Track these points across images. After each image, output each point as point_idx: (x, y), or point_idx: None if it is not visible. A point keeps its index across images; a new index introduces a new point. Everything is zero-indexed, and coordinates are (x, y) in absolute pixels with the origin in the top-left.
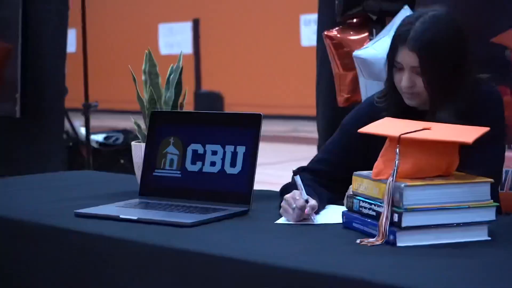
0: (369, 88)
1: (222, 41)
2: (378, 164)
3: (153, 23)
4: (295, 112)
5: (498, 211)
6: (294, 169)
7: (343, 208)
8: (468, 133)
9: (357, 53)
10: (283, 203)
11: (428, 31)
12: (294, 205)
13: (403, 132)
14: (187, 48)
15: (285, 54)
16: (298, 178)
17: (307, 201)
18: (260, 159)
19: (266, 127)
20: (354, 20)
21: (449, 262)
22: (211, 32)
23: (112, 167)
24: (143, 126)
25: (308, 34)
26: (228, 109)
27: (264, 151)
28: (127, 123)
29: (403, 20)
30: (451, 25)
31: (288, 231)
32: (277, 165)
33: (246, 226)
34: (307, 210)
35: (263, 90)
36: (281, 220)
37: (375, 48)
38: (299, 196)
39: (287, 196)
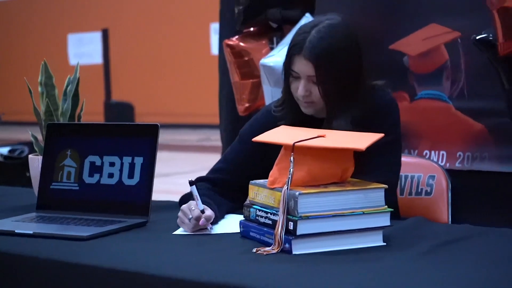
0: (275, 96)
1: (132, 51)
2: (273, 173)
3: (62, 33)
4: (207, 121)
5: (396, 216)
6: (190, 179)
7: (242, 217)
8: (362, 140)
9: (263, 61)
10: (179, 214)
11: (323, 40)
12: (190, 216)
13: (297, 140)
14: (97, 58)
15: (196, 62)
16: (194, 188)
17: (203, 212)
18: (172, 168)
19: (178, 136)
20: (254, 29)
21: (344, 268)
22: (121, 42)
23: (18, 180)
24: (40, 138)
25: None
26: (139, 119)
27: (176, 160)
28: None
29: (299, 29)
30: (347, 34)
31: (186, 242)
32: (189, 174)
33: (144, 237)
34: (201, 221)
35: (174, 99)
36: (179, 231)
37: (281, 56)
38: (195, 206)
39: (184, 206)
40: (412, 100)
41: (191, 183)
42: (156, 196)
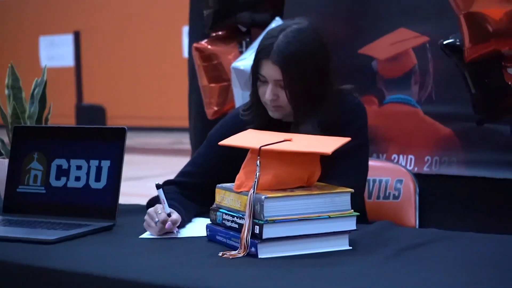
0: (245, 99)
1: (104, 53)
2: (239, 176)
3: (34, 35)
4: (180, 124)
5: (364, 220)
6: (157, 182)
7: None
8: (328, 144)
9: (235, 64)
10: (146, 217)
11: (291, 44)
12: (157, 219)
13: (263, 144)
14: (69, 60)
15: (168, 65)
16: (161, 192)
17: (169, 215)
18: (144, 171)
19: (150, 140)
20: (223, 32)
21: (310, 272)
22: (93, 44)
23: None
24: (6, 141)
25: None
26: (110, 122)
27: (148, 163)
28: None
29: (267, 33)
30: (314, 38)
31: (152, 246)
32: (160, 177)
33: (110, 241)
34: (167, 224)
35: (146, 102)
36: (146, 235)
37: (252, 59)
38: (161, 210)
39: (150, 210)
40: (381, 104)
41: (158, 186)
42: (128, 199)
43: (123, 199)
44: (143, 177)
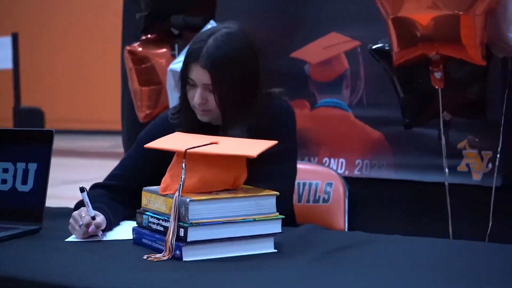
0: None
1: (42, 56)
2: (165, 179)
3: None
4: (117, 127)
5: (293, 224)
6: (80, 185)
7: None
8: (254, 147)
9: (172, 66)
10: (71, 220)
11: (220, 48)
12: (81, 222)
13: (189, 147)
14: (7, 63)
15: (106, 68)
16: (84, 195)
17: (94, 218)
18: (82, 175)
19: (89, 143)
20: (155, 35)
21: (235, 275)
22: (31, 46)
23: None
24: None
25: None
26: (49, 125)
27: (87, 167)
28: None
29: (196, 37)
30: (244, 42)
31: (78, 249)
32: (97, 181)
33: (36, 244)
34: (91, 228)
35: (85, 105)
36: (71, 238)
37: None
38: (85, 213)
39: (74, 213)
40: (313, 108)
41: (82, 189)
42: (64, 203)
43: (58, 203)
44: (80, 180)
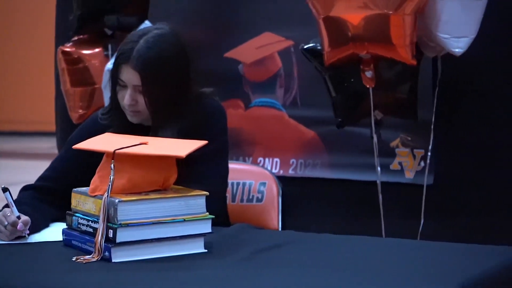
0: None
1: None
2: (94, 180)
3: None
4: (54, 129)
5: (226, 224)
6: (2, 186)
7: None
8: (183, 147)
9: (110, 66)
10: None
11: (151, 50)
12: (6, 222)
13: (118, 147)
14: None
15: (44, 69)
16: (7, 195)
17: (19, 218)
18: (20, 177)
19: (30, 144)
20: (88, 35)
21: (165, 276)
22: None
23: None
24: None
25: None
26: None
27: (26, 168)
28: None
29: (127, 38)
30: (174, 43)
31: (6, 251)
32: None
33: None
34: (19, 225)
35: (25, 106)
36: None
37: None
38: (10, 213)
39: None
40: (247, 108)
41: (4, 190)
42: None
43: None
44: (19, 182)
